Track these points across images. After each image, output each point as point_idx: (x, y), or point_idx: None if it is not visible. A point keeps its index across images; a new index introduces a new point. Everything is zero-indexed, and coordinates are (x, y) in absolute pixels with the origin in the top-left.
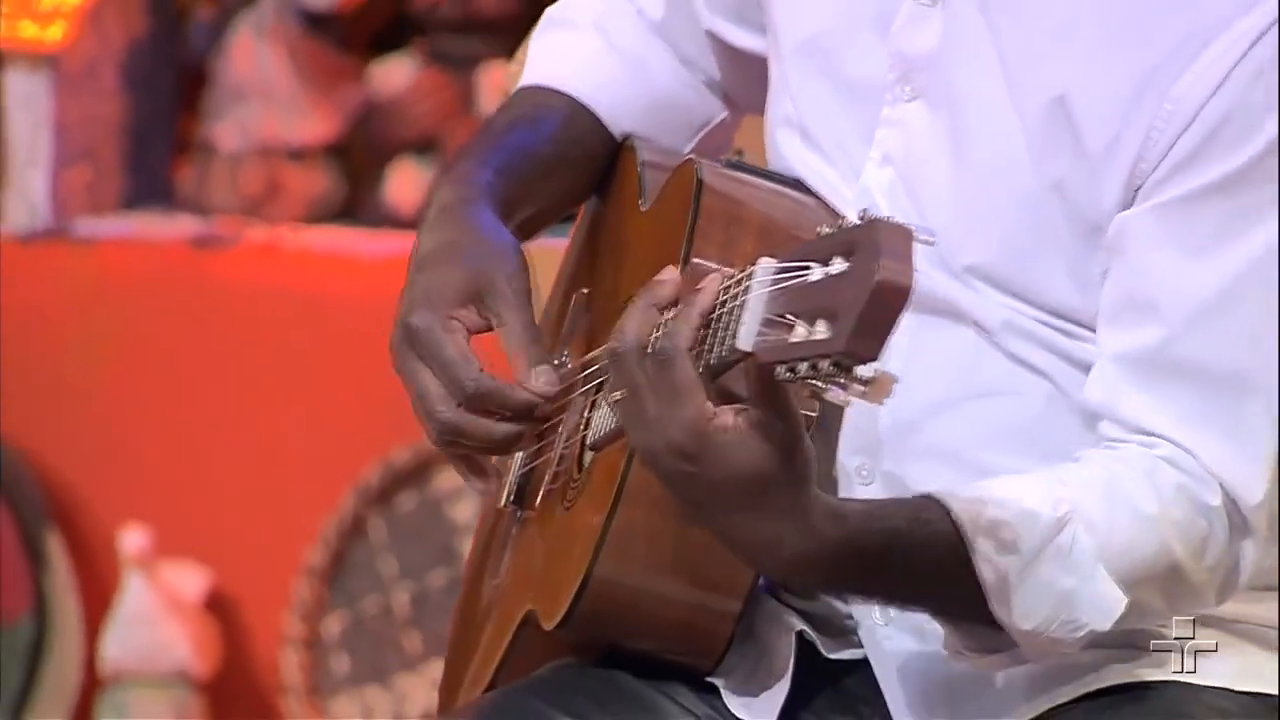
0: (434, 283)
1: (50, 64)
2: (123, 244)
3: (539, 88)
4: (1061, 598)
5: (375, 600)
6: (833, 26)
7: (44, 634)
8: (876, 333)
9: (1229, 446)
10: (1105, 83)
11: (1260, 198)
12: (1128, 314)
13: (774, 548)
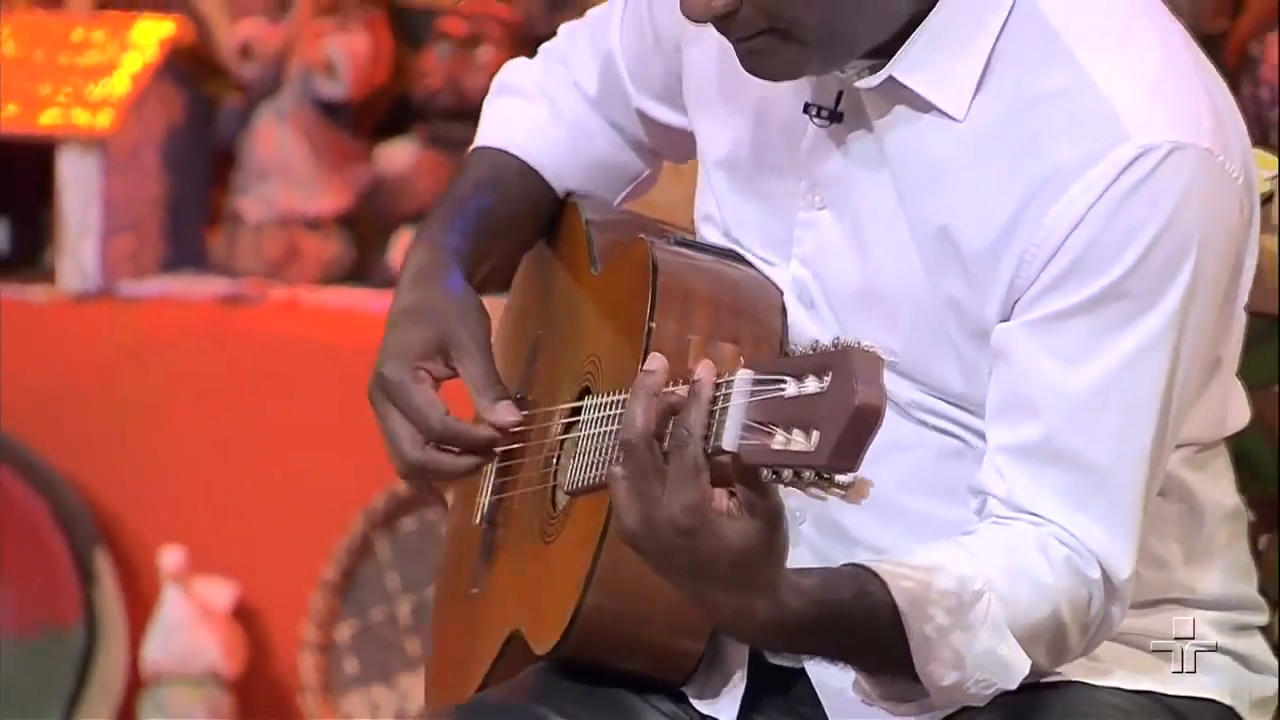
0: (405, 339)
1: (99, 147)
2: (162, 302)
3: (493, 149)
4: (976, 660)
5: (381, 610)
6: (748, 148)
7: (93, 640)
8: (854, 449)
9: (1102, 529)
10: (982, 214)
11: (1120, 314)
12: (1011, 413)
13: (746, 617)
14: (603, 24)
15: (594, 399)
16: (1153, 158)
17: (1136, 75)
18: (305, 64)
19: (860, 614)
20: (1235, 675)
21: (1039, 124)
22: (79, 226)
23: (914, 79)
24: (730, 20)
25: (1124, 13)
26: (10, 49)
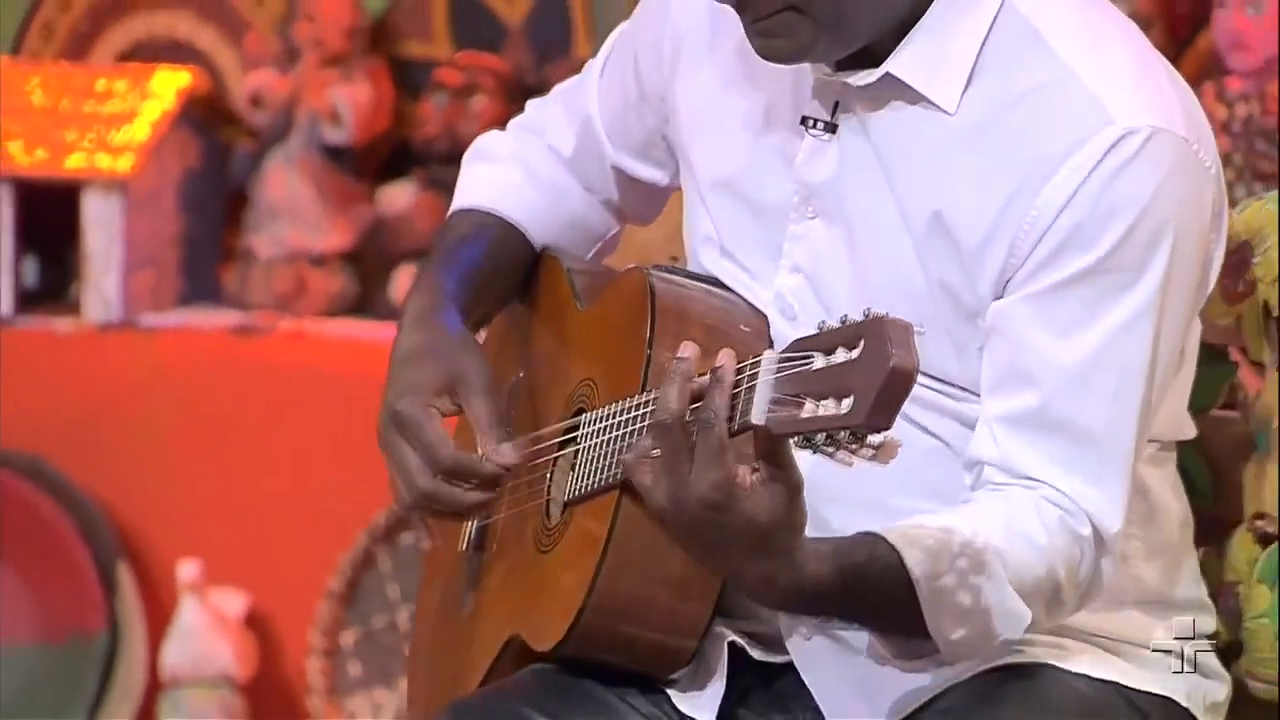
0: (415, 376)
1: (121, 189)
2: (179, 333)
3: (474, 210)
4: (982, 613)
5: (383, 618)
6: (744, 167)
7: (116, 646)
8: (890, 408)
9: (1094, 488)
10: (975, 200)
11: (1108, 287)
12: (1009, 383)
13: (770, 582)
14: (578, 91)
15: (592, 414)
16: (1136, 140)
17: (1115, 71)
18: (312, 112)
19: (873, 575)
20: (1191, 679)
21: (1026, 115)
22: (102, 263)
23: (909, 74)
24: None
25: (1098, 20)
26: (39, 98)
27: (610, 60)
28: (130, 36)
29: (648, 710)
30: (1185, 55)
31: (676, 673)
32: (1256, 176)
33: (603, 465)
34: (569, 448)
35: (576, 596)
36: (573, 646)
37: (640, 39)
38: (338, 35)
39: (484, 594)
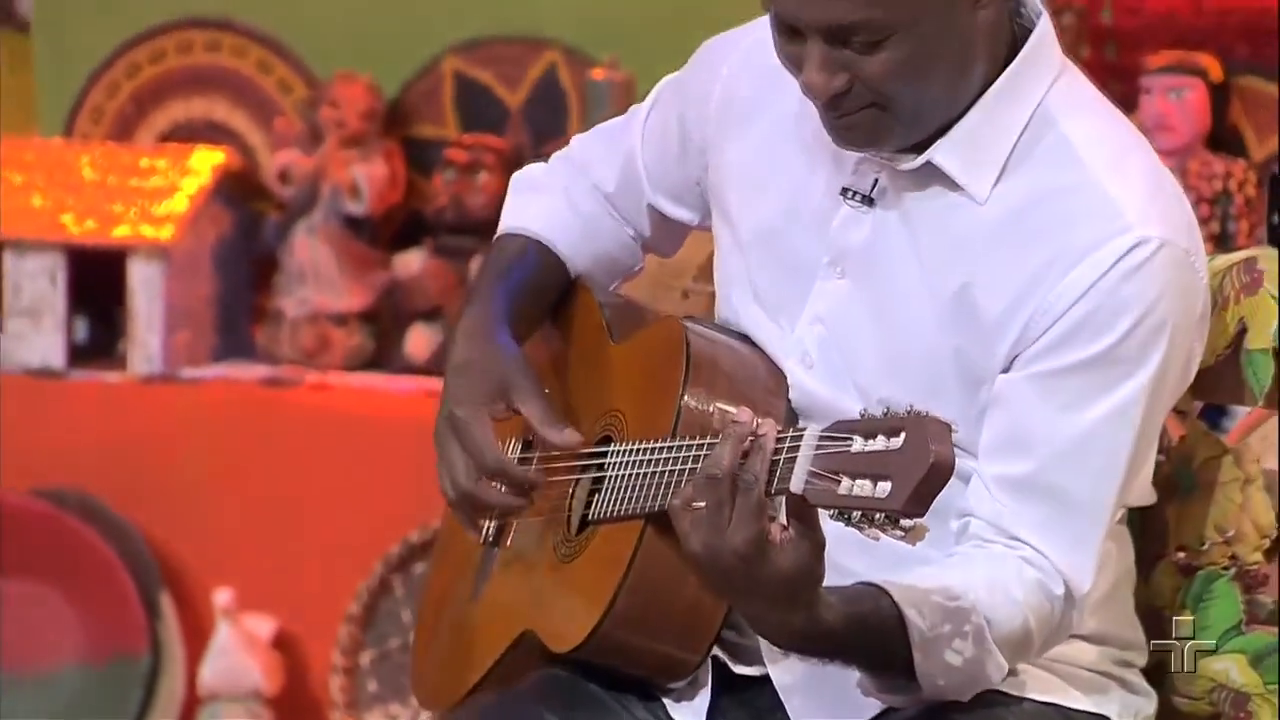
0: (471, 385)
1: (162, 255)
2: (214, 384)
3: (522, 233)
4: (967, 662)
5: (397, 640)
6: (781, 224)
7: (158, 666)
8: (927, 498)
9: (1071, 553)
10: (999, 280)
11: (1109, 374)
12: (1006, 448)
13: (786, 628)
14: (622, 132)
15: (621, 445)
16: (1147, 249)
17: (1134, 183)
18: (334, 186)
19: (875, 625)
20: (1122, 697)
21: (1052, 212)
22: (146, 321)
23: (948, 164)
24: (840, 98)
25: (1119, 132)
26: (89, 174)
27: (656, 107)
28: (171, 119)
29: (643, 715)
30: None
31: (676, 683)
32: None
33: (630, 495)
34: (592, 469)
35: (597, 608)
36: (587, 652)
37: (690, 92)
38: (357, 118)
39: (497, 587)
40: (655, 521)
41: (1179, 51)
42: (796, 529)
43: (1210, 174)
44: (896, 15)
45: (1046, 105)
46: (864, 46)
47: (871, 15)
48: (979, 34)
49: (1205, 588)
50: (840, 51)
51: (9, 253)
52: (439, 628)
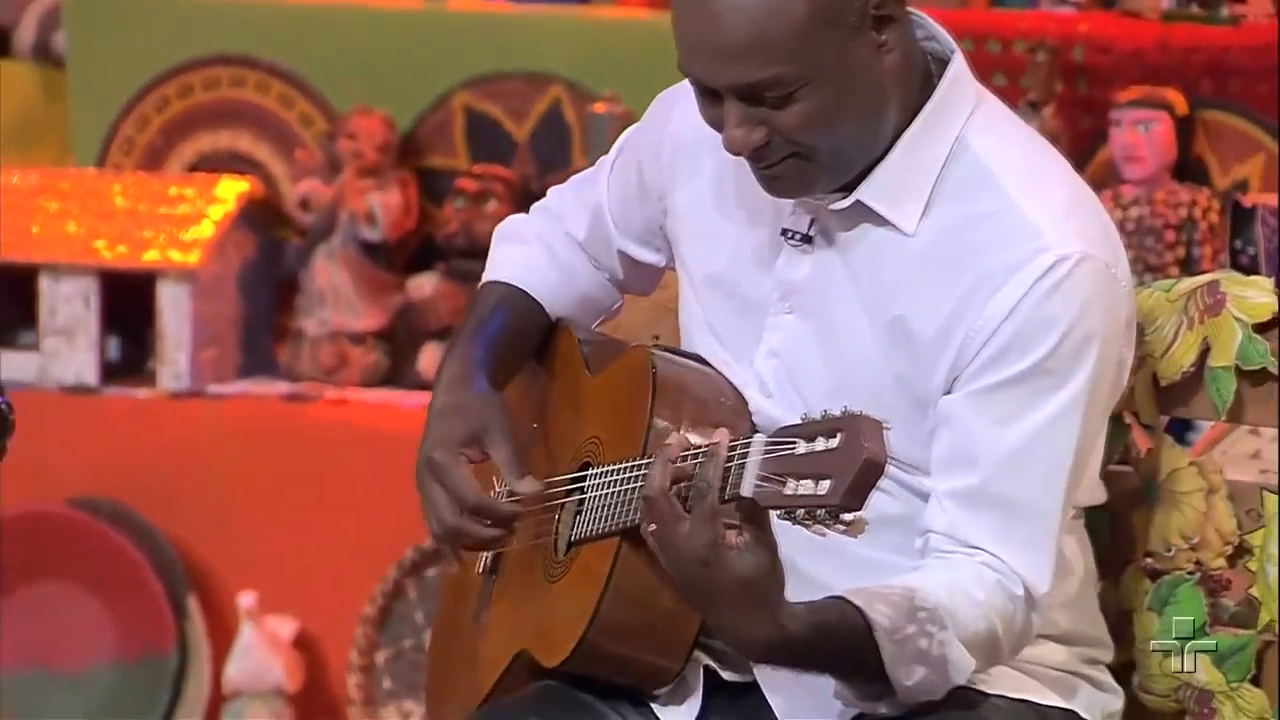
0: (447, 429)
1: (190, 278)
2: (239, 400)
3: (501, 283)
4: (934, 663)
5: (411, 640)
6: (731, 266)
7: (185, 664)
8: (862, 493)
9: (1026, 556)
10: (931, 308)
11: (1042, 387)
12: (954, 465)
13: (751, 636)
14: (591, 183)
15: (598, 469)
16: (1067, 264)
17: (1051, 202)
18: (351, 214)
19: (843, 634)
20: (1090, 694)
21: (976, 238)
22: (174, 341)
23: (875, 202)
24: (762, 150)
25: (1037, 156)
26: (121, 202)
27: (619, 159)
28: (198, 150)
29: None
30: (1087, 166)
31: (661, 689)
32: (1147, 268)
33: (606, 515)
34: (574, 494)
35: (580, 623)
36: (575, 664)
37: (645, 143)
38: (373, 150)
39: (496, 612)
40: (629, 538)
41: (1147, 87)
42: (750, 533)
43: (1176, 202)
44: (802, 70)
45: (965, 137)
46: (777, 101)
47: (778, 72)
48: (887, 77)
49: (1171, 592)
50: (756, 108)
51: (45, 276)
52: (449, 655)
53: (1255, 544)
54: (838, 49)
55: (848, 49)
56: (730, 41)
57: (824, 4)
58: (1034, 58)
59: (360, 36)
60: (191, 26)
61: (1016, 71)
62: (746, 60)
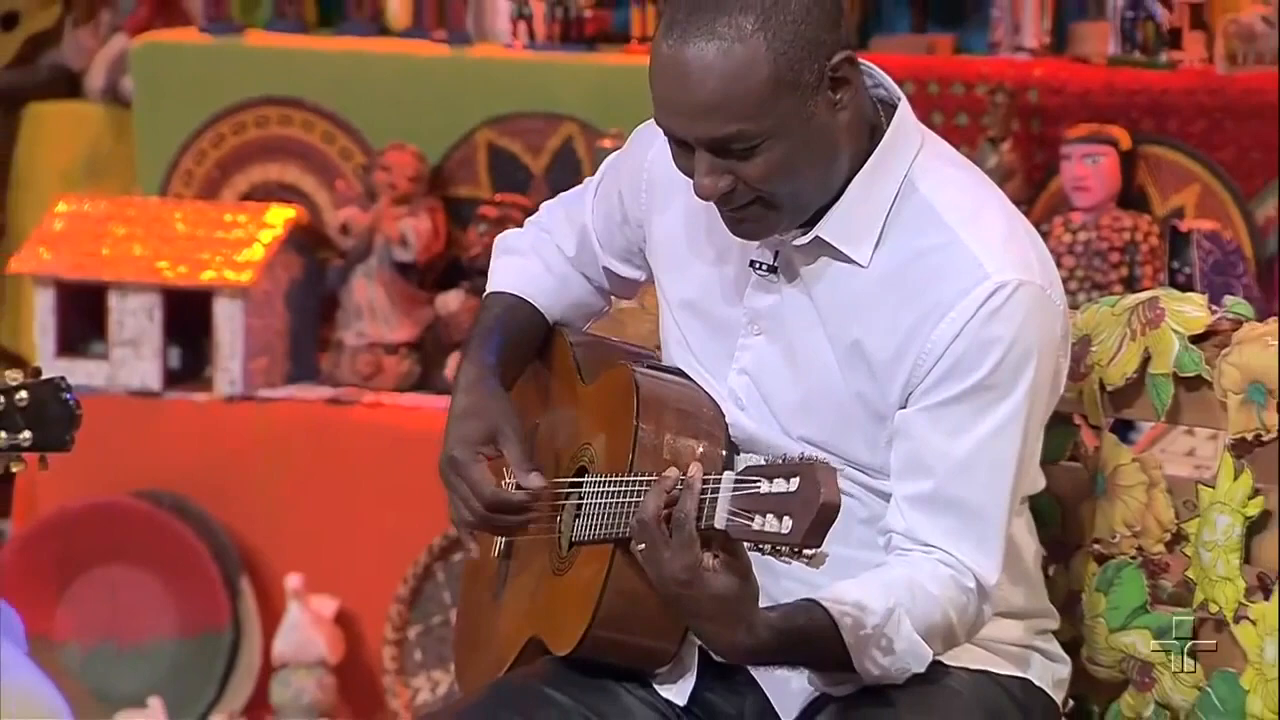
0: (467, 431)
1: (243, 295)
2: (286, 403)
3: (504, 293)
4: (896, 654)
5: (439, 617)
6: (704, 293)
7: (239, 638)
8: (820, 533)
9: (977, 552)
10: (885, 332)
11: (986, 401)
12: (910, 472)
13: (734, 646)
14: (578, 202)
15: (593, 478)
16: (1005, 291)
17: (989, 234)
18: (386, 238)
19: (813, 633)
20: (1042, 664)
21: (924, 269)
22: (228, 350)
23: (832, 237)
24: (729, 196)
25: (975, 192)
26: (181, 228)
27: (602, 183)
28: (250, 181)
29: (638, 694)
30: (1040, 196)
31: (660, 670)
32: (1094, 286)
33: (601, 523)
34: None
35: (583, 619)
36: (582, 653)
37: (624, 171)
38: (406, 181)
39: (510, 596)
40: (621, 546)
41: (1094, 125)
42: (724, 558)
43: (1120, 227)
44: (765, 126)
45: (911, 177)
46: (742, 153)
47: (744, 127)
48: (842, 130)
49: (1116, 574)
50: (724, 159)
51: (114, 293)
52: (472, 631)
53: (1191, 532)
54: (797, 107)
55: (806, 107)
56: (700, 100)
57: (785, 67)
58: (993, 99)
59: (394, 80)
60: (244, 71)
61: (978, 111)
62: (714, 117)
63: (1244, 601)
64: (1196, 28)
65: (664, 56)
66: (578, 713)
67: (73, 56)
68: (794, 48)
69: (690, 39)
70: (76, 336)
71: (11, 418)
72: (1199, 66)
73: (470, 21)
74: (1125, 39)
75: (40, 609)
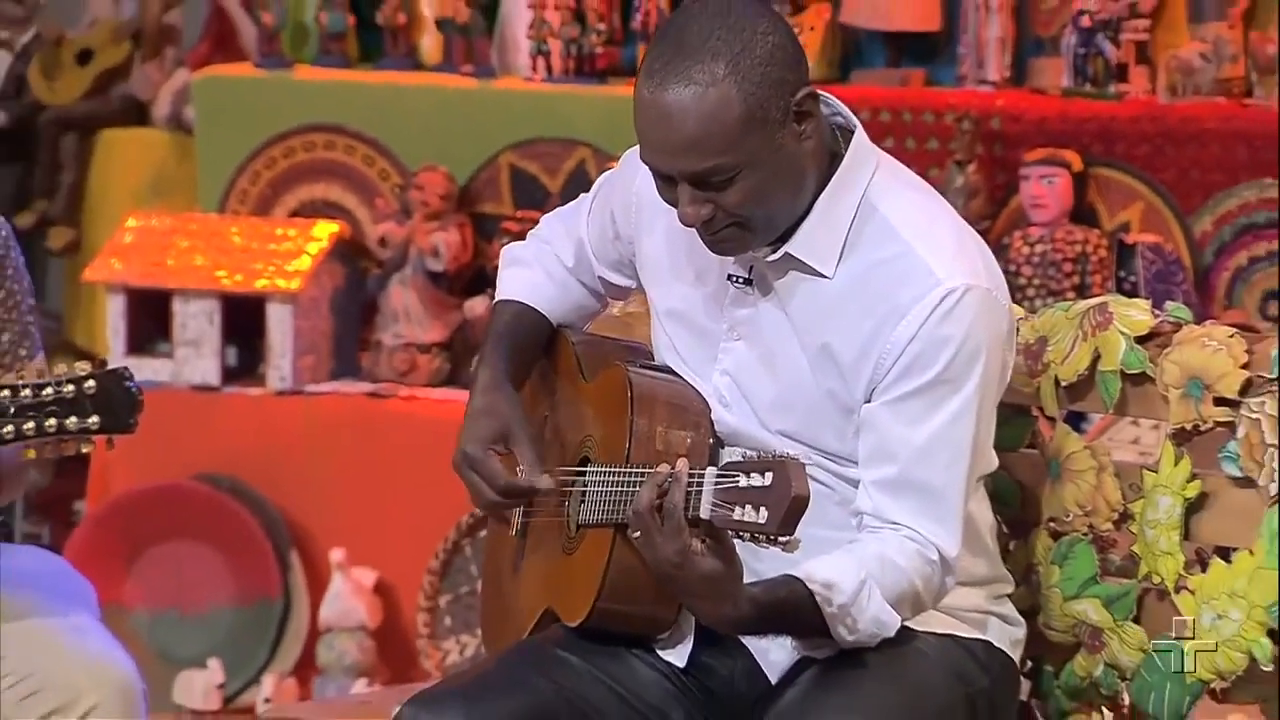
0: (480, 429)
1: (293, 300)
2: (331, 397)
3: (512, 300)
4: (867, 621)
5: (467, 587)
6: (688, 305)
7: (289, 606)
8: (792, 523)
9: (938, 528)
10: (850, 335)
11: (942, 394)
12: (876, 459)
13: (722, 618)
14: (575, 217)
15: (595, 467)
16: (956, 295)
17: (940, 245)
18: (419, 249)
19: (793, 604)
20: (1000, 627)
21: (882, 278)
22: (280, 350)
23: (800, 252)
24: (709, 222)
25: (926, 207)
26: (238, 240)
27: (596, 201)
28: (299, 199)
29: (643, 657)
30: (1002, 212)
31: (660, 636)
32: (1050, 293)
33: (603, 509)
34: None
35: (590, 594)
36: (590, 624)
37: (616, 192)
38: (437, 199)
39: (527, 570)
40: (621, 530)
41: (1049, 149)
42: (710, 543)
43: (1072, 240)
44: (739, 159)
45: (869, 196)
46: (720, 184)
47: (720, 161)
48: (806, 158)
49: (1069, 549)
50: (703, 190)
51: (177, 299)
52: (496, 599)
53: (1136, 511)
54: (767, 140)
55: (775, 139)
56: (680, 140)
57: (754, 106)
58: (960, 126)
59: (427, 109)
60: (293, 101)
61: (946, 137)
62: (693, 154)
63: (1183, 573)
64: (1141, 63)
65: (645, 101)
66: (589, 673)
67: (141, 88)
68: (761, 88)
69: (669, 85)
70: (144, 338)
71: (82, 404)
72: (1143, 98)
73: (495, 57)
74: (1077, 73)
75: (112, 580)
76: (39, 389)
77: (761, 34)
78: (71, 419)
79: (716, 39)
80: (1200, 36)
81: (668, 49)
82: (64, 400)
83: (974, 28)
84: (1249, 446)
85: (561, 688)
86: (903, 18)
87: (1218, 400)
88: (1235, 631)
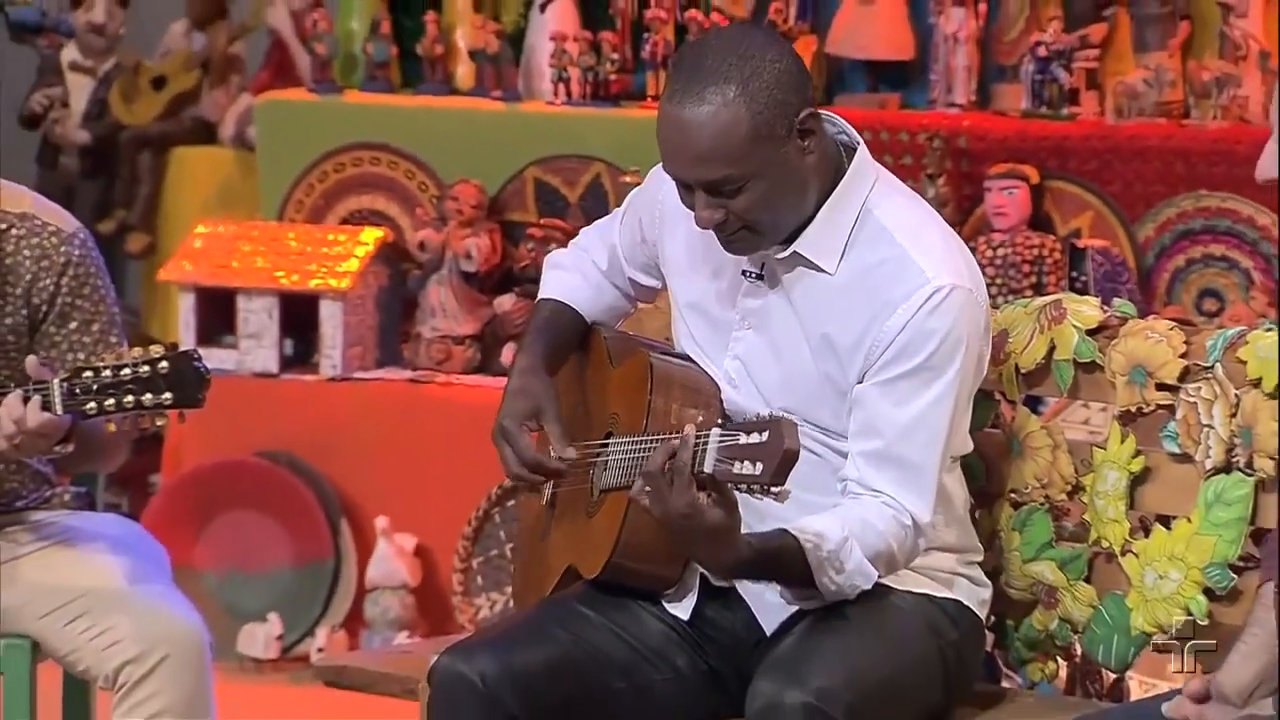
0: (516, 407)
1: (343, 298)
2: (377, 383)
3: (552, 300)
4: (848, 575)
5: (496, 550)
6: (706, 297)
7: (339, 567)
8: (784, 474)
9: (914, 496)
10: (847, 325)
11: (926, 378)
12: (864, 433)
13: (720, 564)
14: (608, 228)
15: (617, 439)
16: (942, 293)
17: (929, 249)
18: (454, 253)
19: (783, 555)
20: (969, 588)
21: (878, 277)
22: (331, 341)
23: (807, 251)
24: (722, 225)
25: (918, 217)
26: (294, 245)
27: (626, 212)
28: (348, 208)
29: (651, 610)
30: (968, 220)
31: (667, 591)
32: (1010, 291)
33: (622, 473)
34: (603, 454)
35: (606, 549)
36: (605, 576)
37: (643, 203)
38: (470, 208)
39: (554, 534)
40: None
41: (1010, 164)
42: (714, 496)
43: (1030, 245)
44: (747, 170)
45: (868, 204)
46: (731, 192)
47: (730, 172)
48: (810, 169)
49: (1028, 517)
50: (717, 197)
51: (241, 297)
52: (526, 561)
53: (1087, 484)
54: (772, 154)
55: (780, 153)
56: (695, 151)
57: (762, 123)
58: (931, 144)
59: (461, 129)
60: (344, 122)
61: (919, 154)
62: (706, 164)
63: (1128, 539)
64: (1091, 88)
65: (667, 116)
66: (604, 625)
67: (209, 111)
68: (768, 108)
69: (687, 104)
70: (212, 331)
71: (156, 382)
72: (1093, 119)
73: (521, 83)
74: (1035, 97)
75: (183, 545)
76: (118, 369)
77: (770, 61)
78: (147, 395)
79: (729, 65)
80: (1144, 64)
81: (688, 72)
82: (140, 379)
83: (944, 57)
84: (1186, 427)
85: (579, 638)
86: (881, 48)
87: (1159, 386)
88: (1174, 590)
